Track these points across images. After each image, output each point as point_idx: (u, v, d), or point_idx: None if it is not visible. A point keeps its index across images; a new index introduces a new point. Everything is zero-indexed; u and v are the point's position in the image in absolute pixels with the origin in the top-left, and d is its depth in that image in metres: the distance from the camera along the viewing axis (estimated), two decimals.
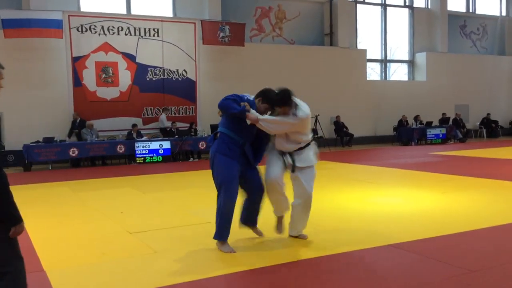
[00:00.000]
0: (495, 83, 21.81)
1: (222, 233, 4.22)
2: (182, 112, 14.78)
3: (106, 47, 13.64)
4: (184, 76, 14.77)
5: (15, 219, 2.39)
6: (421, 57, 20.08)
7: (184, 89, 14.77)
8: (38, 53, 13.04)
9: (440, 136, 17.83)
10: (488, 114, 20.65)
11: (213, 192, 4.40)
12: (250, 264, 3.81)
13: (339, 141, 17.34)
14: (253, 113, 4.20)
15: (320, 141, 16.63)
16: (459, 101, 20.56)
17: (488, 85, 21.57)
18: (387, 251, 4.09)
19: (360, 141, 17.91)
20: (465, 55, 21.09)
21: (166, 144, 13.12)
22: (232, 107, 4.23)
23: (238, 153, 4.28)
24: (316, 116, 15.93)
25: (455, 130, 18.39)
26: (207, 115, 15.04)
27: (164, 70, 14.44)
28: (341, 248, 4.17)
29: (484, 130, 20.41)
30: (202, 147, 13.66)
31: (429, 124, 18.16)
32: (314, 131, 16.44)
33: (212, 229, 4.34)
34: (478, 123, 20.57)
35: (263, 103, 4.37)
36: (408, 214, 5.64)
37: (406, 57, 20.38)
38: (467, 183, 7.75)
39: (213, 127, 14.67)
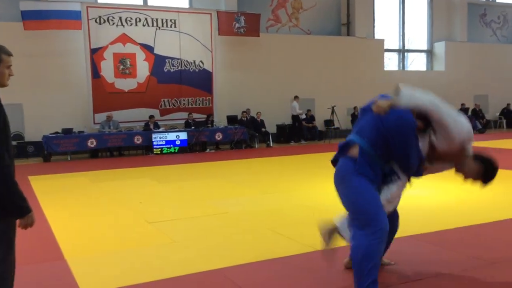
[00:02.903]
0: None
1: None
2: (199, 103, 14.83)
3: (124, 39, 13.72)
4: (201, 67, 14.80)
5: (22, 210, 2.29)
6: (440, 47, 19.77)
7: (200, 80, 14.81)
8: (57, 44, 13.19)
9: None
10: (508, 104, 20.27)
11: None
12: (269, 255, 3.84)
13: None
14: None
15: (337, 132, 16.56)
16: (478, 91, 20.22)
17: (508, 75, 21.14)
18: (406, 242, 4.08)
19: None
20: (485, 44, 20.69)
21: (183, 135, 13.20)
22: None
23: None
24: (333, 107, 15.86)
25: (474, 121, 18.10)
26: (224, 106, 15.09)
27: (181, 61, 14.49)
28: None
29: (504, 121, 20.06)
30: (219, 138, 13.73)
31: None
32: (331, 122, 16.39)
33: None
34: (498, 114, 20.22)
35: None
36: (428, 206, 5.61)
37: (424, 46, 20.09)
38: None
39: (230, 118, 14.74)
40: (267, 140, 14.72)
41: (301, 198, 6.25)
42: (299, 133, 15.75)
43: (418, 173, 3.16)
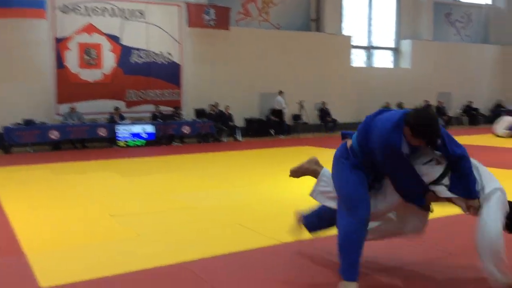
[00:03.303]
0: (477, 71, 22.03)
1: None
2: (167, 96, 14.65)
3: (90, 28, 13.39)
4: (169, 60, 14.62)
5: None
6: (406, 45, 20.16)
7: (168, 73, 14.63)
8: (19, 33, 12.74)
9: None
10: (470, 102, 20.89)
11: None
12: (236, 248, 3.83)
13: (323, 127, 17.41)
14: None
15: (305, 127, 16.68)
16: (442, 88, 20.74)
17: (471, 73, 21.78)
18: None
19: (344, 127, 17.96)
20: (449, 43, 21.22)
21: (149, 128, 13.03)
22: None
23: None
24: (301, 102, 15.95)
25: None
26: (192, 99, 14.95)
27: (149, 52, 14.26)
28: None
29: (466, 118, 20.69)
30: (186, 132, 13.61)
31: None
32: (299, 116, 16.49)
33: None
34: (460, 111, 20.81)
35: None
36: None
37: (391, 44, 20.44)
38: None
39: (197, 112, 14.63)
40: (235, 134, 14.69)
41: (269, 192, 6.27)
42: (281, 127, 15.94)
43: (418, 201, 2.95)
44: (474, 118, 20.60)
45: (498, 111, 20.55)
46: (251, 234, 4.29)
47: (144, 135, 12.96)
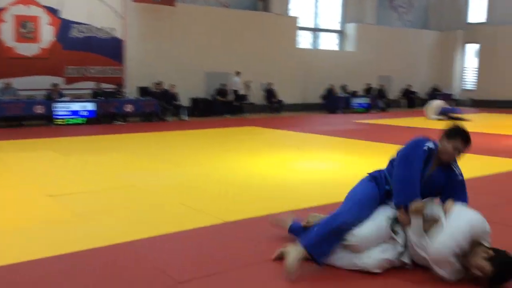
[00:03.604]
0: (417, 56, 22.87)
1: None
2: (109, 73, 14.19)
3: (27, 0, 12.69)
4: (112, 35, 14.12)
5: None
6: (351, 28, 20.55)
7: (111, 49, 14.14)
8: None
9: (364, 105, 18.65)
10: (409, 85, 21.71)
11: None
12: (178, 228, 3.82)
13: (269, 108, 17.53)
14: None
15: (251, 107, 16.72)
16: (383, 72, 21.40)
17: (411, 58, 22.59)
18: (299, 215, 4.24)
19: (290, 108, 18.21)
20: (392, 28, 21.84)
21: (90, 106, 12.61)
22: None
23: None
24: (248, 82, 15.95)
25: (377, 100, 19.26)
26: (135, 77, 14.57)
27: (90, 27, 13.70)
28: (250, 214, 4.26)
29: (405, 101, 21.51)
30: (129, 110, 13.29)
31: (354, 94, 18.88)
32: (245, 97, 16.49)
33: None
34: (400, 94, 21.59)
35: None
36: (330, 180, 5.88)
37: (337, 27, 20.75)
38: (387, 149, 8.17)
39: (141, 90, 14.29)
40: (181, 114, 14.51)
41: (213, 172, 6.26)
42: (240, 107, 16.17)
43: (405, 196, 2.99)
44: (412, 101, 21.44)
45: (434, 94, 21.47)
46: (195, 214, 4.28)
47: (84, 113, 12.53)
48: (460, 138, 3.04)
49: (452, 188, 3.12)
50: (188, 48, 15.69)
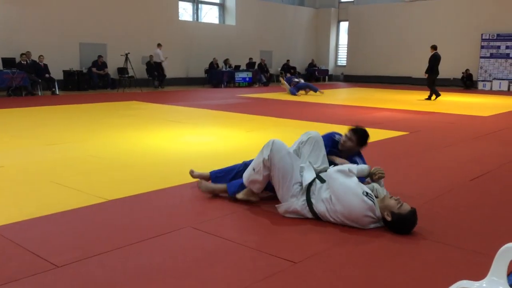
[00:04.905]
0: (295, 32, 23.73)
1: None
2: None
3: None
4: None
5: None
6: (231, 1, 20.56)
7: None
8: None
9: (247, 79, 18.95)
10: (288, 60, 22.49)
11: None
12: (51, 208, 3.53)
13: (151, 82, 17.00)
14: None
15: (131, 81, 16.06)
16: (264, 47, 21.87)
17: (289, 34, 23.37)
18: (184, 188, 4.20)
19: (172, 82, 17.84)
20: (270, 2, 22.31)
21: None
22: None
23: None
24: (127, 54, 15.22)
25: (260, 75, 19.67)
26: None
27: None
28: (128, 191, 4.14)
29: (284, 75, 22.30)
30: None
31: (237, 68, 19.06)
32: (124, 70, 15.77)
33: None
34: (280, 69, 22.31)
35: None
36: (212, 152, 5.88)
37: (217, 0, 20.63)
38: (269, 123, 8.41)
39: (6, 61, 12.92)
40: (52, 88, 13.45)
41: (89, 149, 5.90)
42: (161, 79, 16.79)
43: None
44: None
45: (311, 69, 22.53)
46: (70, 193, 4.00)
47: None
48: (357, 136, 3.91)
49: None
50: (59, 15, 14.48)
